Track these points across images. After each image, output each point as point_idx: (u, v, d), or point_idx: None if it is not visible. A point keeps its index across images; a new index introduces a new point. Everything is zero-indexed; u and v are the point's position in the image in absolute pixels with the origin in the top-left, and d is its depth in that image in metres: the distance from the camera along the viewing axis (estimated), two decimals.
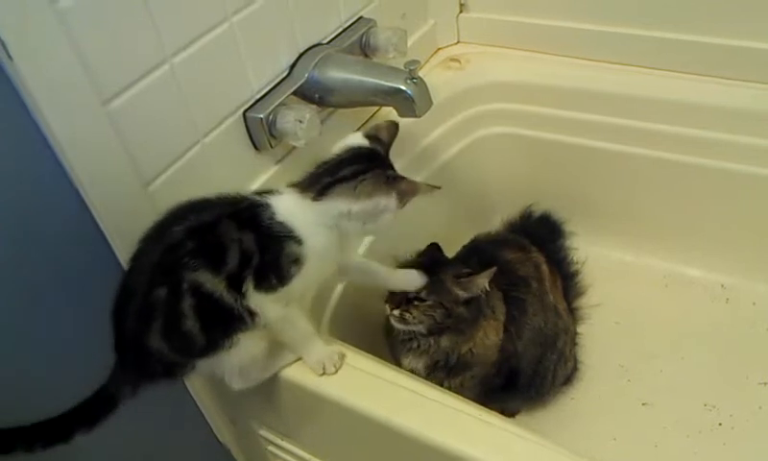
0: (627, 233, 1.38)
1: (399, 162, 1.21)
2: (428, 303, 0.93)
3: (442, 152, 1.33)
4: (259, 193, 0.78)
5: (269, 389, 0.87)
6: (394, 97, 0.99)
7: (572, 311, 1.22)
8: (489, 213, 1.39)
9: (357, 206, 0.74)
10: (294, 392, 0.86)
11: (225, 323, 0.72)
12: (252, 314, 0.73)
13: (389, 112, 1.14)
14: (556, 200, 1.34)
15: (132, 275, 0.73)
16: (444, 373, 1.00)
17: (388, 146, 0.84)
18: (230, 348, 0.73)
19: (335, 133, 1.15)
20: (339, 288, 1.09)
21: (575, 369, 1.19)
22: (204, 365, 0.75)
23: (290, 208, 0.75)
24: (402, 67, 0.98)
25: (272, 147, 0.99)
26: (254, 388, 0.84)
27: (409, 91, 0.97)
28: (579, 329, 1.23)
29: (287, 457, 1.04)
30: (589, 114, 1.27)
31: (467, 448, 0.73)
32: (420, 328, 0.95)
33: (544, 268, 1.13)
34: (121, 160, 0.79)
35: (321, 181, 0.77)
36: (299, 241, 0.74)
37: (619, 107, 1.24)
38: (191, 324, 0.70)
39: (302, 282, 0.76)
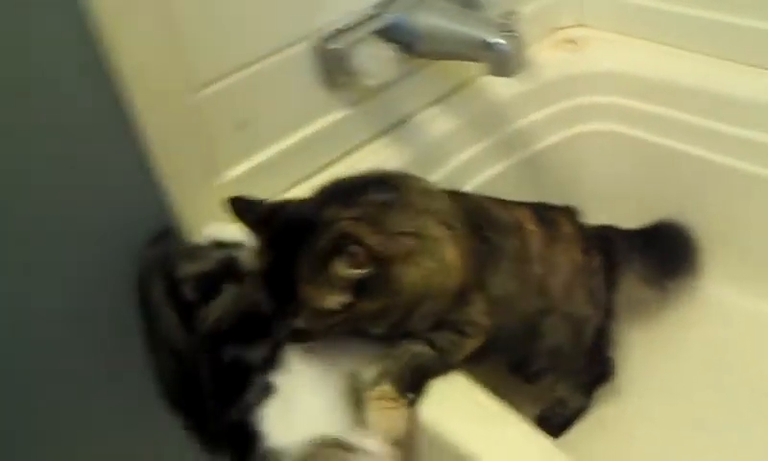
0: (741, 271, 1.16)
1: (484, 142, 1.12)
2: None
3: (536, 140, 1.19)
4: None
5: None
6: (483, 51, 0.87)
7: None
8: None
9: None
10: None
11: None
12: None
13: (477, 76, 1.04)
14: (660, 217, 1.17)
15: None
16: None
17: None
18: None
19: (423, 89, 1.07)
20: None
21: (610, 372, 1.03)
22: None
23: None
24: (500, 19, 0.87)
25: (342, 85, 0.91)
26: None
27: (500, 45, 0.85)
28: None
29: None
30: (718, 122, 1.08)
31: None
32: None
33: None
34: (170, 59, 0.74)
35: None
36: None
37: (755, 117, 1.04)
38: None
39: None
